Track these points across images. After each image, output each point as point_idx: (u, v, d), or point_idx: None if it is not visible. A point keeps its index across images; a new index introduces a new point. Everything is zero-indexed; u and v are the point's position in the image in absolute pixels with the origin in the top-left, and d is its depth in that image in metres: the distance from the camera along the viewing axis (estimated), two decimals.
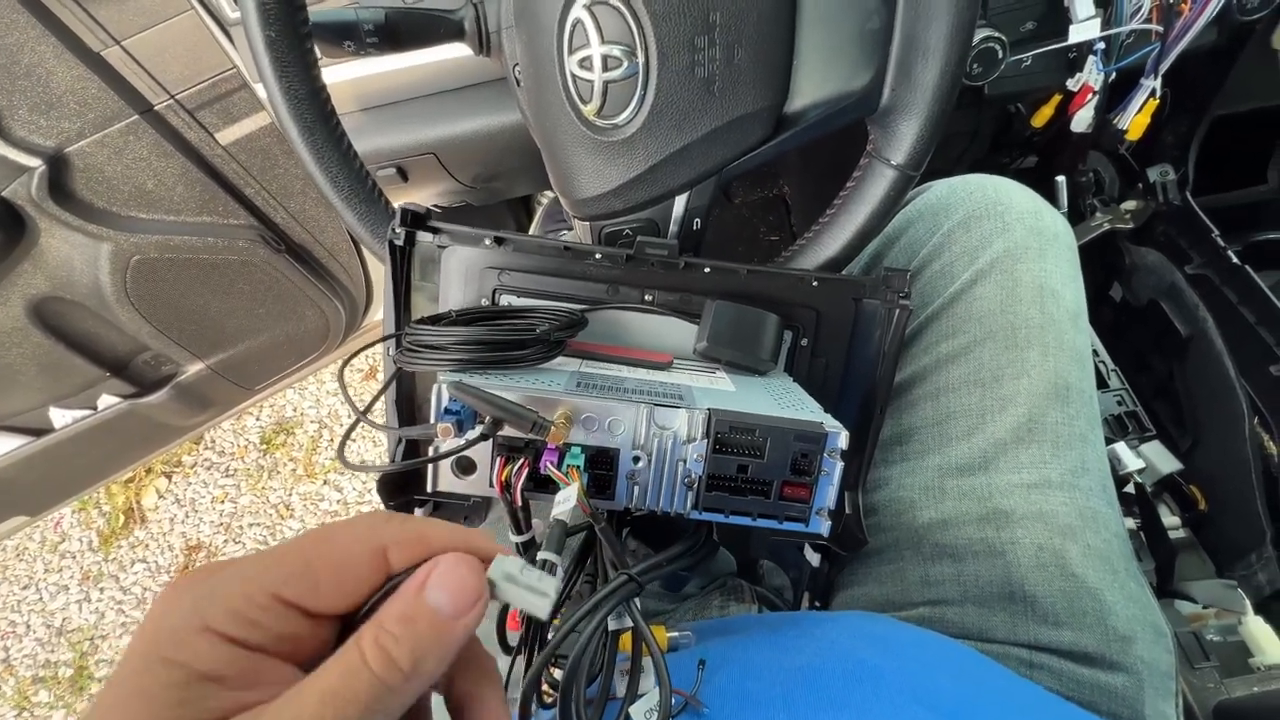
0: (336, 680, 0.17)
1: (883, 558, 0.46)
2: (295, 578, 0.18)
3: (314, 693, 0.17)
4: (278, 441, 1.56)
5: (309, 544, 0.19)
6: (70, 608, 1.48)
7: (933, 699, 0.27)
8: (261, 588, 0.18)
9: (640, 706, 0.25)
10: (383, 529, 0.20)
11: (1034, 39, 0.66)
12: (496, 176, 0.79)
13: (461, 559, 0.20)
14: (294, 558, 0.19)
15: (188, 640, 0.17)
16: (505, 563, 0.21)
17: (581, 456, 0.30)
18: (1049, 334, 0.45)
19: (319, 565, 0.19)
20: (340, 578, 0.19)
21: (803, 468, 0.31)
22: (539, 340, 0.34)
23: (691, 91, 0.39)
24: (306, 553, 0.19)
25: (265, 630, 0.18)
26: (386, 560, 0.20)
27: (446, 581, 0.19)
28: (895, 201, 0.42)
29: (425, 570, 0.19)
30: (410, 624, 0.18)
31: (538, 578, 0.20)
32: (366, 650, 0.18)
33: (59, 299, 0.85)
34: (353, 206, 0.43)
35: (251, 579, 0.18)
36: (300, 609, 0.18)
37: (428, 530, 0.20)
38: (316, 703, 0.16)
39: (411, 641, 0.18)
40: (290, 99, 0.39)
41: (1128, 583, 0.42)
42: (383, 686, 0.17)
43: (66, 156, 0.74)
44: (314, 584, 0.19)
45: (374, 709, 0.17)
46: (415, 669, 0.18)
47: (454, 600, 0.19)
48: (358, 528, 0.20)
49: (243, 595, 0.18)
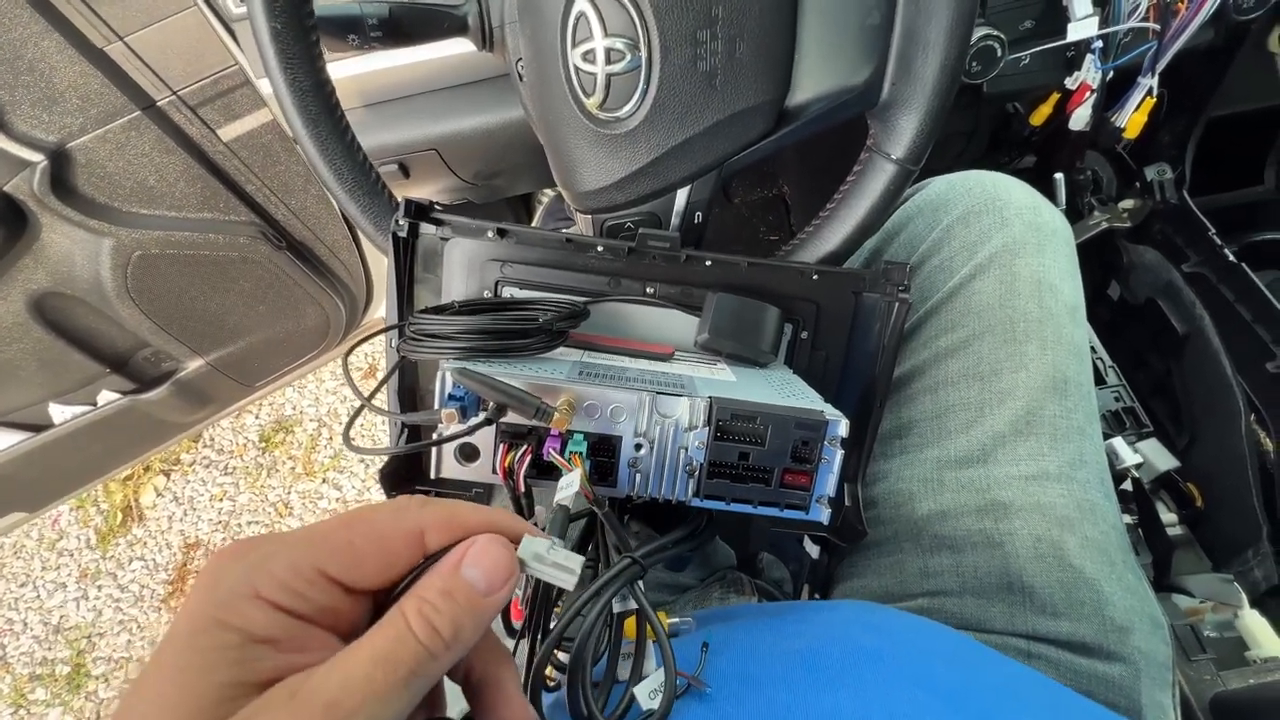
0: (385, 645, 0.18)
1: (882, 550, 0.47)
2: (339, 555, 0.20)
3: (364, 656, 0.18)
4: (277, 440, 1.56)
5: (352, 524, 0.20)
6: (68, 605, 1.48)
7: (930, 681, 0.27)
8: (309, 562, 0.19)
9: (645, 687, 0.25)
10: (420, 512, 0.21)
11: (1032, 37, 0.67)
12: (498, 173, 0.79)
13: (495, 539, 0.21)
14: (338, 536, 0.20)
15: (241, 606, 0.18)
16: (534, 543, 0.22)
17: (584, 443, 0.30)
18: (1047, 328, 0.46)
19: (361, 544, 0.20)
20: (380, 556, 0.20)
21: (803, 455, 0.31)
22: (541, 330, 0.34)
23: (694, 85, 0.39)
24: (349, 532, 0.20)
25: (310, 601, 0.19)
26: (423, 541, 0.21)
27: (481, 560, 0.21)
28: (895, 195, 0.42)
29: (462, 549, 0.21)
30: (450, 598, 0.20)
31: (565, 556, 0.22)
32: (412, 620, 0.19)
33: (60, 294, 0.85)
34: (356, 199, 0.43)
35: (299, 554, 0.19)
36: (341, 584, 0.20)
37: (461, 512, 0.22)
38: (368, 663, 0.18)
39: (451, 613, 0.19)
40: (295, 91, 0.39)
41: (1125, 574, 0.42)
42: (426, 653, 0.19)
43: (69, 152, 0.74)
44: (356, 561, 0.20)
45: (418, 673, 0.18)
46: (455, 638, 0.19)
47: (488, 577, 0.20)
48: (395, 510, 0.21)
49: (291, 568, 0.19)
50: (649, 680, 0.25)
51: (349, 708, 0.17)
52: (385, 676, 0.18)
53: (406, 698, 0.18)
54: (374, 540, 0.20)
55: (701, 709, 0.26)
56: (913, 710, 0.25)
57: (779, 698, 0.26)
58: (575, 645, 0.25)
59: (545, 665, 0.25)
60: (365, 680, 0.17)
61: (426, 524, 0.21)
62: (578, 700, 0.24)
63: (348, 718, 0.17)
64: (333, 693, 0.17)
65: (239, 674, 0.17)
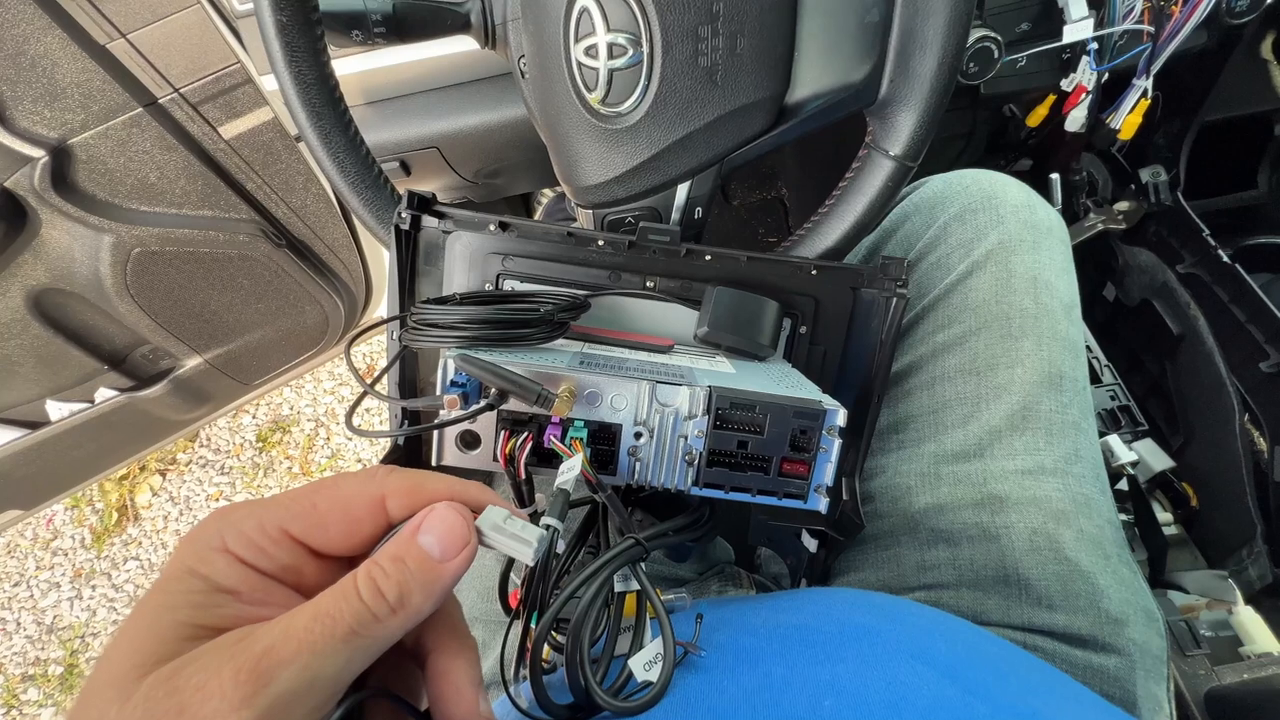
0: (328, 602, 0.19)
1: (879, 543, 0.47)
2: (302, 516, 0.20)
3: (309, 611, 0.19)
4: (274, 439, 1.55)
5: (318, 488, 0.21)
6: (61, 605, 1.47)
7: (929, 655, 0.27)
8: (274, 522, 0.20)
9: (640, 659, 0.25)
10: (384, 478, 0.22)
11: (1029, 39, 0.68)
12: (498, 172, 0.80)
13: (453, 507, 0.21)
14: (303, 499, 0.21)
15: (210, 557, 0.20)
16: (493, 513, 0.22)
17: (584, 430, 0.30)
18: (1043, 324, 0.46)
19: (324, 507, 0.21)
20: (343, 521, 0.21)
21: (802, 444, 0.31)
22: (543, 320, 0.34)
23: (695, 80, 0.39)
24: (314, 496, 0.21)
25: (273, 559, 0.20)
26: (385, 507, 0.21)
27: (436, 527, 0.21)
28: (893, 192, 0.43)
29: (420, 516, 0.21)
30: (400, 563, 0.20)
31: (521, 526, 0.22)
32: (360, 580, 0.19)
33: (59, 291, 0.85)
34: (359, 192, 0.43)
35: (266, 514, 0.20)
36: (306, 546, 0.21)
37: (425, 481, 0.22)
38: (309, 618, 0.18)
39: (399, 577, 0.20)
40: (299, 84, 0.40)
41: (1120, 568, 0.42)
42: (368, 614, 0.19)
43: (70, 148, 0.75)
44: (319, 524, 0.21)
45: (358, 633, 0.19)
46: (400, 603, 0.19)
47: (442, 544, 0.21)
48: (361, 477, 0.22)
49: (258, 526, 0.20)
50: (644, 652, 0.26)
51: (283, 656, 0.17)
52: (323, 631, 0.18)
53: (344, 654, 0.18)
54: (337, 504, 0.21)
55: (697, 681, 0.26)
56: (911, 680, 0.25)
57: (775, 670, 0.26)
58: (574, 620, 0.25)
59: (543, 644, 0.25)
60: (304, 631, 0.18)
61: (390, 490, 0.21)
62: (575, 674, 0.24)
63: (281, 665, 0.17)
64: (272, 640, 0.18)
65: (199, 616, 0.18)
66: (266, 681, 0.17)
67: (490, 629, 0.47)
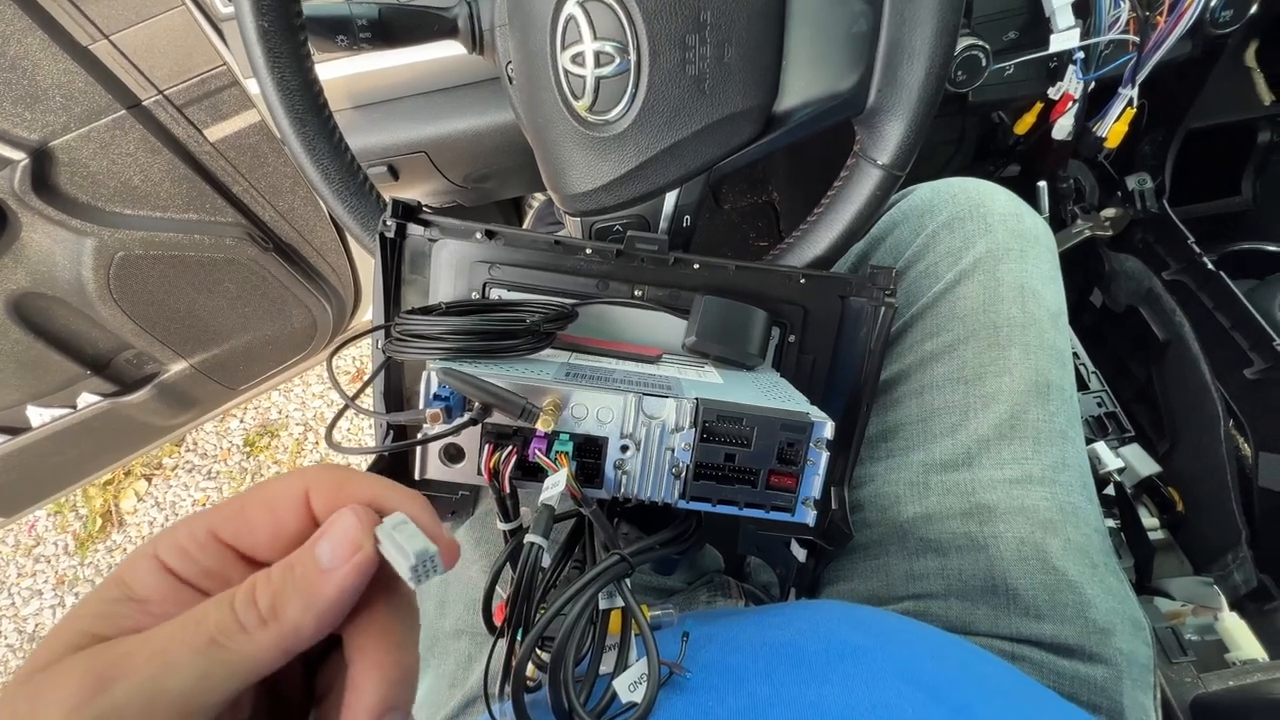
0: (200, 608, 0.18)
1: (868, 553, 0.47)
2: (231, 520, 0.20)
3: (182, 617, 0.18)
4: (261, 444, 1.54)
5: (250, 491, 0.20)
6: (44, 613, 1.45)
7: (916, 676, 0.27)
8: (202, 526, 0.20)
9: (625, 679, 0.25)
10: (312, 476, 0.20)
11: (1016, 48, 0.68)
12: (487, 177, 0.79)
13: (354, 511, 0.19)
14: (234, 503, 0.20)
15: (137, 565, 0.19)
16: (392, 519, 0.20)
17: (570, 444, 0.30)
18: (1030, 333, 0.46)
19: (251, 509, 0.20)
20: (269, 522, 0.20)
21: (789, 457, 0.31)
22: (528, 331, 0.34)
23: (682, 89, 0.39)
24: (245, 498, 0.20)
25: (197, 564, 0.19)
26: (309, 505, 0.20)
27: (331, 533, 0.19)
28: (881, 201, 0.43)
29: (330, 520, 0.19)
30: (288, 570, 0.19)
31: (408, 537, 0.19)
32: (240, 588, 0.18)
33: (40, 295, 0.84)
34: (343, 199, 0.43)
35: (197, 519, 0.20)
36: (234, 550, 0.20)
37: (346, 480, 0.20)
38: (177, 624, 0.18)
39: (279, 586, 0.18)
40: (282, 90, 0.39)
41: (1107, 577, 0.43)
42: (232, 622, 0.18)
43: (51, 150, 0.73)
44: (246, 526, 0.20)
45: (218, 643, 0.17)
46: (272, 613, 0.18)
47: (332, 552, 0.19)
48: (291, 476, 0.21)
49: (189, 532, 0.19)
50: (629, 672, 0.25)
51: (133, 664, 0.16)
52: (182, 638, 0.17)
53: (200, 668, 0.17)
54: (263, 504, 0.20)
55: (682, 702, 0.26)
56: (897, 702, 0.25)
57: (760, 691, 0.26)
58: (558, 639, 0.25)
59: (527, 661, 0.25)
60: (165, 639, 0.17)
61: (313, 487, 0.20)
62: (559, 694, 0.24)
63: (124, 674, 0.16)
64: (130, 647, 0.17)
65: (96, 625, 0.18)
66: (103, 688, 0.16)
67: (476, 642, 0.46)
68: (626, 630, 0.27)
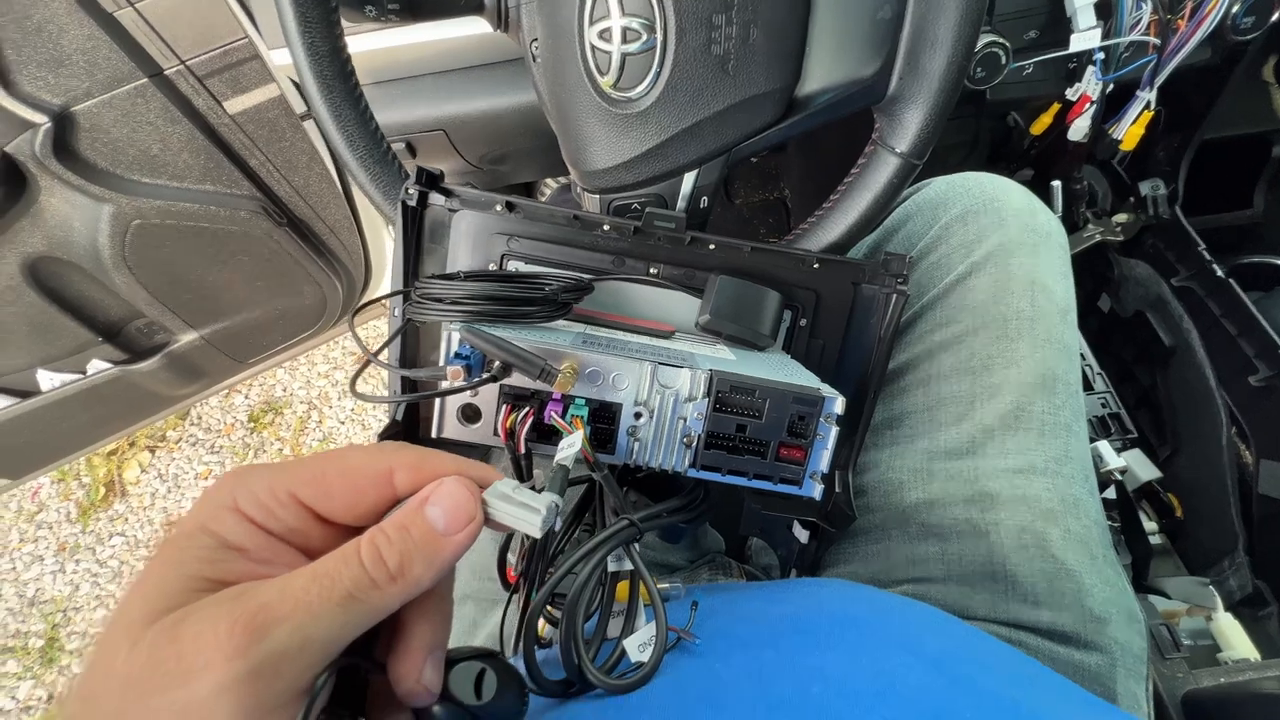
0: (329, 564, 0.19)
1: (870, 537, 0.47)
2: (309, 483, 0.21)
3: (309, 571, 0.19)
4: (265, 420, 1.55)
5: (327, 457, 0.21)
6: (44, 578, 1.46)
7: (918, 647, 0.28)
8: (283, 486, 0.21)
9: (635, 640, 0.26)
10: (391, 453, 0.22)
11: (1036, 47, 0.68)
12: (504, 158, 0.80)
13: (462, 482, 0.22)
14: (312, 467, 0.21)
15: (221, 515, 0.20)
16: (500, 485, 0.22)
17: (585, 408, 0.31)
18: (1039, 327, 0.47)
19: (331, 476, 0.21)
20: (348, 490, 0.21)
21: (799, 430, 0.32)
22: (546, 299, 0.35)
23: (706, 69, 0.40)
24: (323, 463, 0.21)
25: (280, 521, 0.21)
26: (392, 481, 0.22)
27: (443, 499, 0.21)
28: (898, 189, 0.43)
29: (429, 489, 0.21)
30: (404, 531, 0.20)
31: (530, 496, 0.22)
32: (363, 546, 0.20)
33: (55, 259, 0.85)
34: (367, 167, 0.43)
35: (276, 478, 0.21)
36: (312, 512, 0.21)
37: (431, 457, 0.22)
38: (307, 579, 0.19)
39: (402, 546, 0.20)
40: (312, 54, 0.40)
41: (1105, 568, 0.43)
42: (366, 579, 0.19)
43: (73, 115, 0.74)
44: (325, 491, 0.21)
45: (355, 597, 0.19)
46: (400, 571, 0.20)
47: (448, 517, 0.21)
48: (370, 449, 0.22)
49: (267, 489, 0.21)
50: (639, 634, 0.26)
51: (279, 613, 0.18)
52: (320, 591, 0.18)
53: (339, 617, 0.18)
54: (344, 473, 0.21)
55: (690, 664, 0.27)
56: (900, 670, 0.26)
57: (765, 656, 0.27)
58: (569, 598, 0.25)
59: (538, 617, 0.25)
60: (301, 590, 0.18)
61: (396, 464, 0.22)
62: (570, 650, 0.25)
63: (276, 622, 0.17)
64: (269, 597, 0.18)
65: (206, 570, 0.19)
66: (261, 636, 0.17)
67: (482, 607, 0.47)
68: (634, 596, 0.28)
